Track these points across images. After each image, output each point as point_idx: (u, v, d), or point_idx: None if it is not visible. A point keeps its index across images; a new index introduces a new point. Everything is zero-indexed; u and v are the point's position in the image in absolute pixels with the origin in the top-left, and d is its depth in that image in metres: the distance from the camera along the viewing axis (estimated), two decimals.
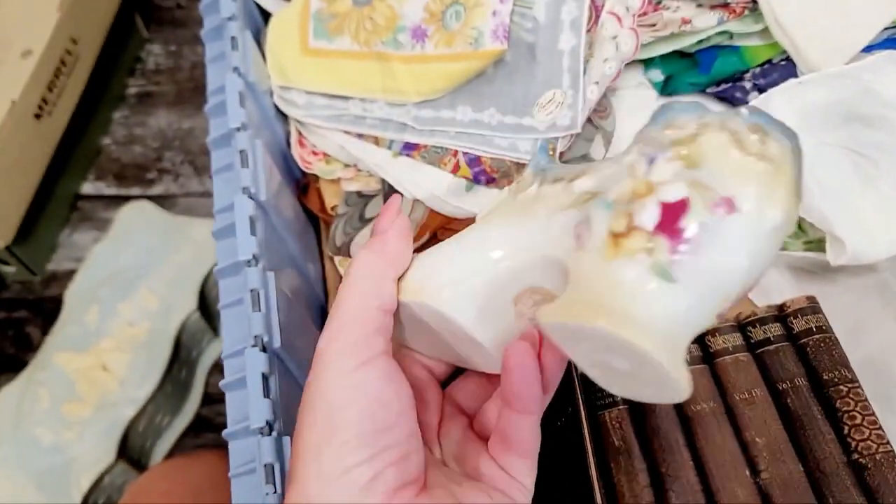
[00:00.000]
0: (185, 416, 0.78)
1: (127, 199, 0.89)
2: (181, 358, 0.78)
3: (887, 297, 0.53)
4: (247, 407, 0.42)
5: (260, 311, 0.44)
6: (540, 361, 0.33)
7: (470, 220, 0.57)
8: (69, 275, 0.82)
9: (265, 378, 0.42)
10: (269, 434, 0.41)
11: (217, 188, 0.50)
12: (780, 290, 0.53)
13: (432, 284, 0.35)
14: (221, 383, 0.44)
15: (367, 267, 0.35)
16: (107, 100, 0.95)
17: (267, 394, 0.42)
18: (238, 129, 0.50)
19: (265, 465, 0.40)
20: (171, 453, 0.79)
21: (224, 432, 0.43)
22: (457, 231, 0.56)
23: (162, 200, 0.90)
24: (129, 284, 0.77)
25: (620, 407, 0.44)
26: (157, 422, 0.76)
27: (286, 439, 0.42)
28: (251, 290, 0.45)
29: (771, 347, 0.44)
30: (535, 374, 0.33)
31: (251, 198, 0.48)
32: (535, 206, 0.34)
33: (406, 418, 0.33)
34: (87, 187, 0.92)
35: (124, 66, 0.98)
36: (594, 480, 0.43)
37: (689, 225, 0.26)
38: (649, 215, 0.26)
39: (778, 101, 0.50)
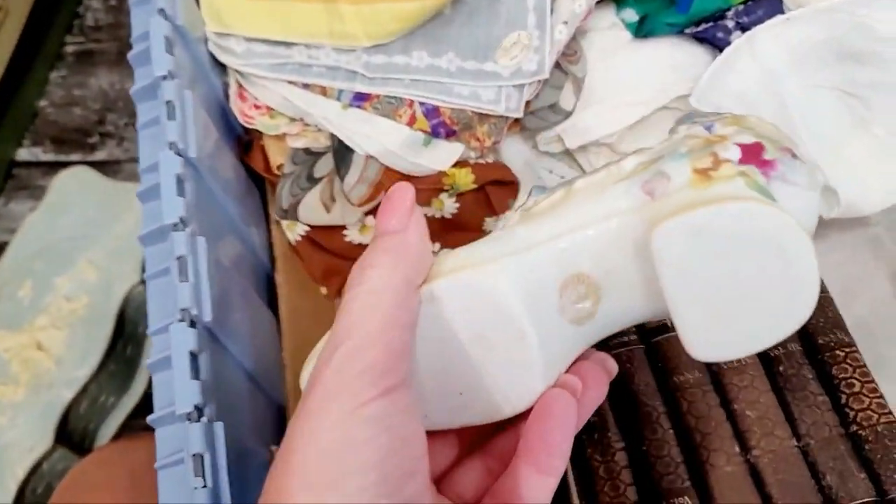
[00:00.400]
0: (133, 396, 0.73)
1: (67, 165, 0.83)
2: (126, 333, 0.72)
3: (880, 254, 0.49)
4: (174, 390, 0.37)
5: (188, 280, 0.39)
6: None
7: (430, 178, 0.52)
8: (2, 248, 0.76)
9: (194, 357, 0.37)
10: (198, 420, 0.36)
11: (142, 145, 0.45)
12: None
13: (473, 261, 0.29)
14: (147, 363, 0.39)
15: (387, 273, 0.28)
16: (42, 59, 0.89)
17: (196, 375, 0.37)
18: (164, 78, 0.44)
19: (194, 455, 0.35)
20: (120, 435, 0.74)
21: (149, 418, 0.38)
22: (416, 190, 0.51)
23: (105, 166, 0.83)
24: (67, 256, 0.71)
25: None
26: (101, 402, 0.71)
27: (218, 425, 0.37)
28: (178, 258, 0.40)
29: None
30: (573, 428, 0.28)
31: (179, 154, 0.43)
32: (572, 197, 0.30)
33: (425, 464, 0.27)
34: (23, 153, 0.85)
35: (60, 22, 0.91)
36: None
37: (772, 159, 0.28)
38: (733, 152, 0.28)
39: (764, 40, 0.46)
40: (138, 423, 0.74)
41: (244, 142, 0.56)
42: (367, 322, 0.27)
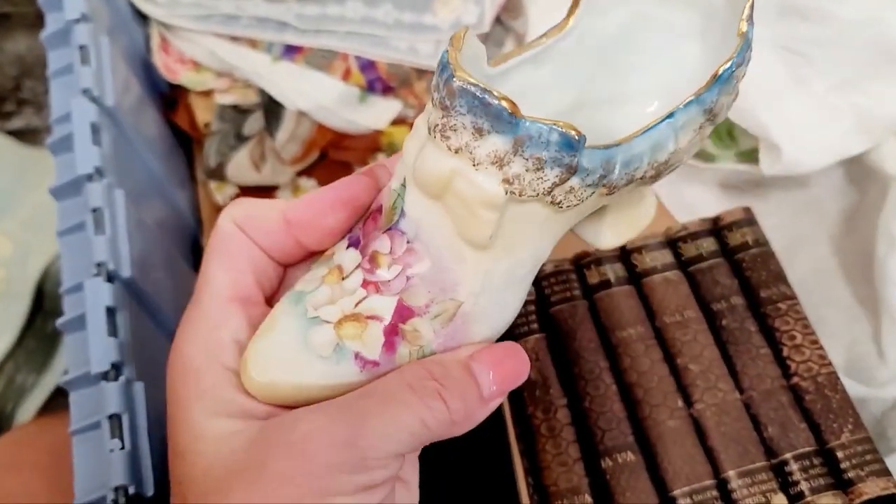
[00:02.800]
0: (54, 374, 0.69)
1: None
2: (45, 308, 0.68)
3: (820, 215, 0.49)
4: (88, 349, 0.34)
5: (104, 234, 0.36)
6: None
7: (366, 137, 0.49)
8: None
9: (111, 313, 0.35)
10: (116, 379, 0.34)
11: (55, 94, 0.42)
12: (708, 208, 0.49)
13: None
14: (58, 322, 0.36)
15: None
16: None
17: (114, 332, 0.35)
18: (77, 21, 0.41)
19: (110, 417, 0.33)
20: (41, 415, 0.70)
21: (61, 380, 0.35)
22: (351, 149, 0.49)
23: (24, 135, 0.79)
24: None
25: (537, 335, 0.38)
26: (20, 382, 0.67)
27: (138, 385, 0.34)
28: (93, 210, 0.37)
29: (704, 265, 0.39)
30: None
31: (94, 102, 0.40)
32: None
33: None
34: None
35: None
36: (507, 416, 0.37)
37: None
38: None
39: None
40: (62, 403, 0.70)
41: (169, 98, 0.53)
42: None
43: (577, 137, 0.22)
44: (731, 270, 0.39)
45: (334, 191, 0.27)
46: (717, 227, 0.40)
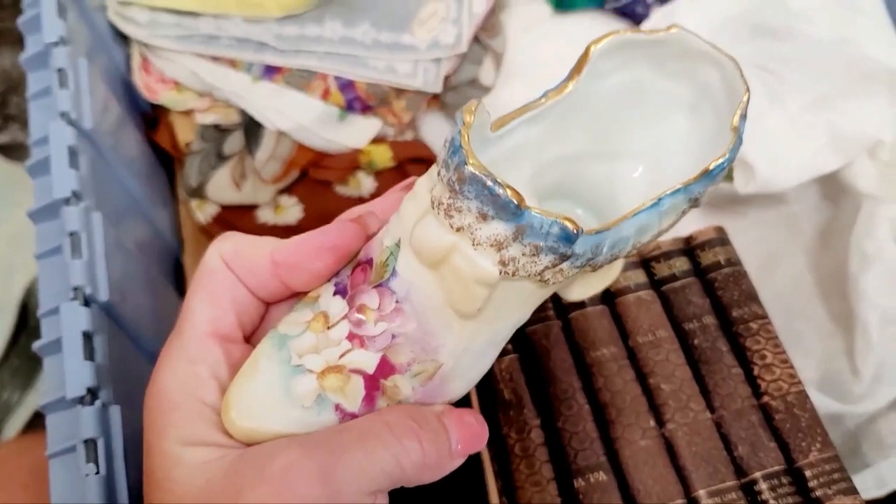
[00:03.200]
0: (39, 392, 0.69)
1: None
2: (30, 326, 0.68)
3: (795, 231, 0.50)
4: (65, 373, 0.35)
5: (81, 257, 0.37)
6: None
7: (346, 156, 0.50)
8: None
9: (88, 338, 0.35)
10: (92, 404, 0.34)
11: (33, 117, 0.42)
12: (687, 225, 0.49)
13: None
14: (34, 345, 0.36)
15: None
16: None
17: (90, 356, 0.35)
18: (55, 45, 0.42)
19: (86, 441, 0.33)
20: (25, 433, 0.70)
21: (39, 404, 0.35)
22: (331, 168, 0.49)
23: (9, 150, 0.79)
24: None
25: (511, 356, 0.39)
26: (4, 399, 0.67)
27: (115, 409, 0.35)
28: (70, 234, 0.37)
29: (677, 284, 0.40)
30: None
31: (72, 125, 0.40)
32: None
33: None
34: None
35: None
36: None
37: None
38: None
39: (681, 15, 0.46)
40: (45, 422, 0.70)
41: (150, 118, 0.53)
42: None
43: (575, 231, 0.23)
44: (703, 290, 0.40)
45: (323, 236, 0.27)
46: (689, 247, 0.41)
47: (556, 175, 0.30)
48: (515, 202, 0.22)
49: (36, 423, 0.70)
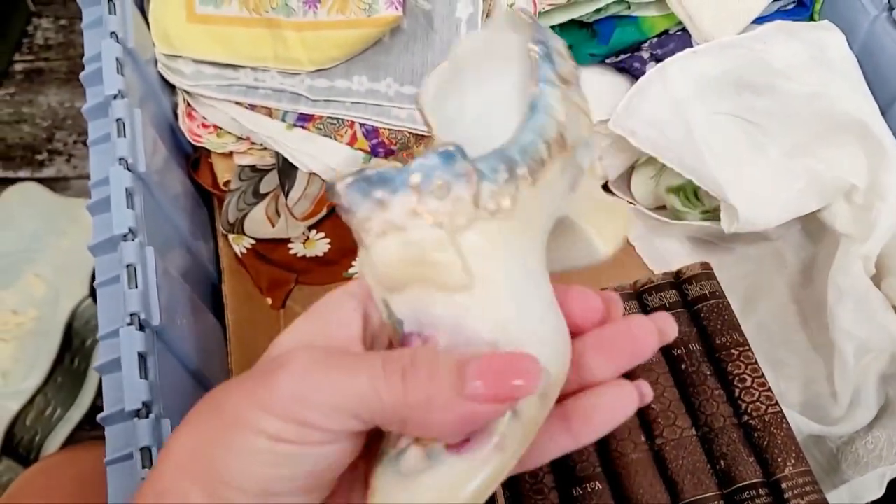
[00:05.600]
0: (80, 408, 0.74)
1: (14, 181, 0.84)
2: (73, 347, 0.73)
3: (780, 265, 0.54)
4: (122, 389, 0.39)
5: (137, 287, 0.42)
6: None
7: None
8: None
9: (142, 358, 0.40)
10: (147, 416, 0.39)
11: (93, 161, 0.47)
12: (679, 259, 0.54)
13: None
14: (95, 366, 0.41)
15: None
16: None
17: (145, 374, 0.40)
18: (115, 98, 0.47)
19: (141, 449, 0.38)
20: (66, 447, 0.74)
21: (99, 416, 0.40)
22: None
23: (53, 183, 0.84)
24: (13, 270, 0.72)
25: None
26: (48, 415, 0.71)
27: (165, 422, 0.39)
28: (127, 266, 0.42)
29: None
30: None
31: (128, 169, 0.45)
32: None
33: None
34: None
35: (9, 40, 0.92)
36: None
37: None
38: None
39: (673, 71, 0.50)
40: (85, 436, 0.74)
41: (192, 159, 0.58)
42: None
43: (450, 149, 0.24)
44: (690, 319, 0.44)
45: None
46: (678, 281, 0.45)
47: None
48: (388, 169, 0.23)
49: (76, 436, 0.74)
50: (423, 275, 0.25)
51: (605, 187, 0.57)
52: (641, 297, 0.45)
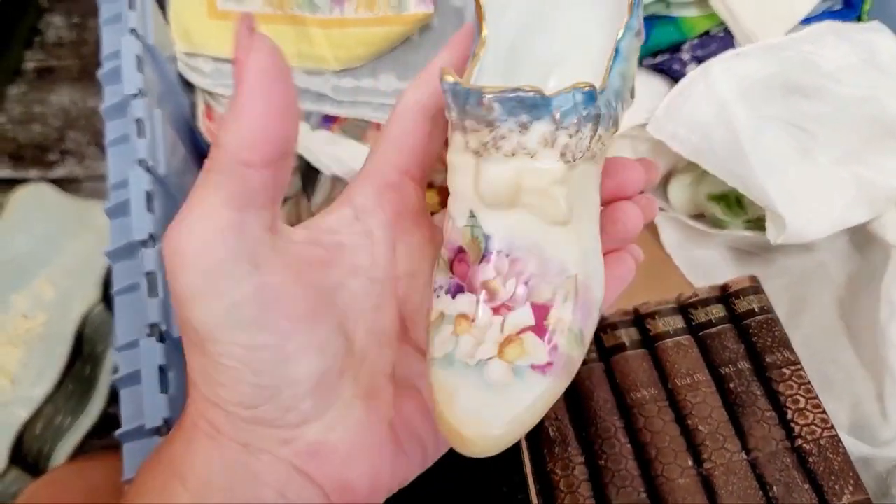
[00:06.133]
0: (90, 417, 0.72)
1: (25, 181, 0.82)
2: (84, 353, 0.71)
3: (824, 278, 0.52)
4: (142, 404, 0.37)
5: (158, 296, 0.39)
6: None
7: None
8: None
9: (163, 371, 0.38)
10: (167, 433, 0.36)
11: (112, 162, 0.45)
12: (719, 270, 0.51)
13: None
14: (113, 378, 0.39)
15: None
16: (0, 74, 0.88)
17: (165, 389, 0.38)
18: (135, 97, 0.45)
19: None
20: (75, 457, 0.72)
21: (117, 432, 0.38)
22: None
23: (65, 184, 0.83)
24: (24, 273, 0.71)
25: None
26: (57, 423, 0.69)
27: None
28: (147, 273, 0.40)
29: (713, 330, 0.42)
30: None
31: (148, 171, 0.43)
32: None
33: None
34: None
35: (19, 37, 0.91)
36: (528, 473, 0.40)
37: None
38: None
39: (717, 72, 0.48)
40: (94, 445, 0.72)
41: None
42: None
43: (591, 89, 0.25)
44: (738, 336, 0.42)
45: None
46: (725, 294, 0.43)
47: None
48: (540, 93, 0.24)
49: (84, 447, 0.72)
50: (532, 202, 0.26)
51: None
52: (686, 312, 0.43)
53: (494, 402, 0.26)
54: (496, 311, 0.27)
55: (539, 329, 0.26)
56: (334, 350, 0.27)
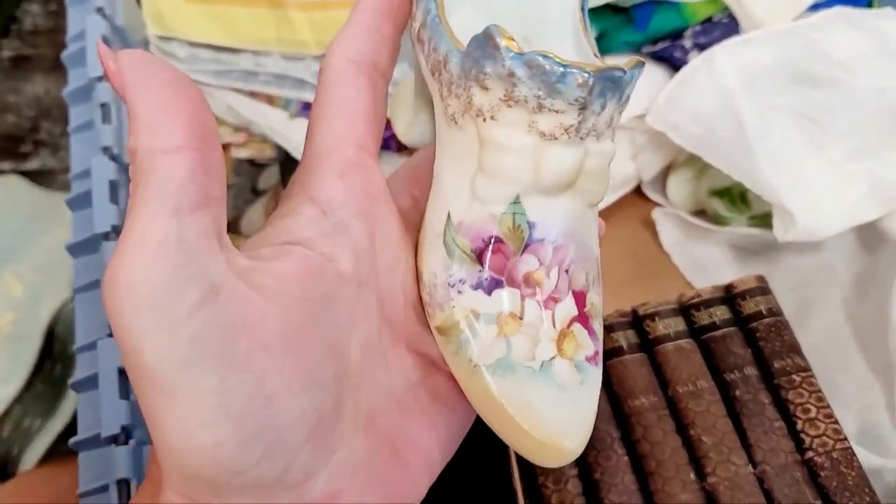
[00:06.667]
0: (61, 418, 0.69)
1: None
2: (55, 353, 0.68)
3: (832, 278, 0.49)
4: (100, 410, 0.34)
5: None
6: None
7: None
8: None
9: (123, 375, 0.35)
10: (126, 443, 0.34)
11: (75, 150, 0.42)
12: (721, 270, 0.49)
13: None
14: (71, 381, 0.36)
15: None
16: None
17: (126, 394, 0.35)
18: (100, 79, 0.42)
19: (118, 481, 0.33)
20: (46, 461, 0.69)
21: (71, 441, 0.35)
22: None
23: (38, 176, 0.80)
24: None
25: None
26: (26, 425, 0.66)
27: (147, 448, 0.34)
28: None
29: (717, 333, 0.39)
30: None
31: (113, 160, 0.40)
32: None
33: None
34: None
35: None
36: (517, 487, 0.37)
37: None
38: None
39: (721, 60, 0.46)
40: (66, 449, 0.70)
41: None
42: None
43: (641, 63, 0.23)
44: (744, 340, 0.39)
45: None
46: (730, 295, 0.40)
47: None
48: (623, 71, 0.22)
49: (56, 450, 0.70)
50: (586, 185, 0.24)
51: (638, 189, 0.52)
52: (688, 314, 0.40)
53: (572, 405, 0.24)
54: (544, 304, 0.24)
55: (582, 318, 0.25)
56: (328, 378, 0.23)
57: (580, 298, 0.25)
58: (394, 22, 0.27)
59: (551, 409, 0.24)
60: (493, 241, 0.24)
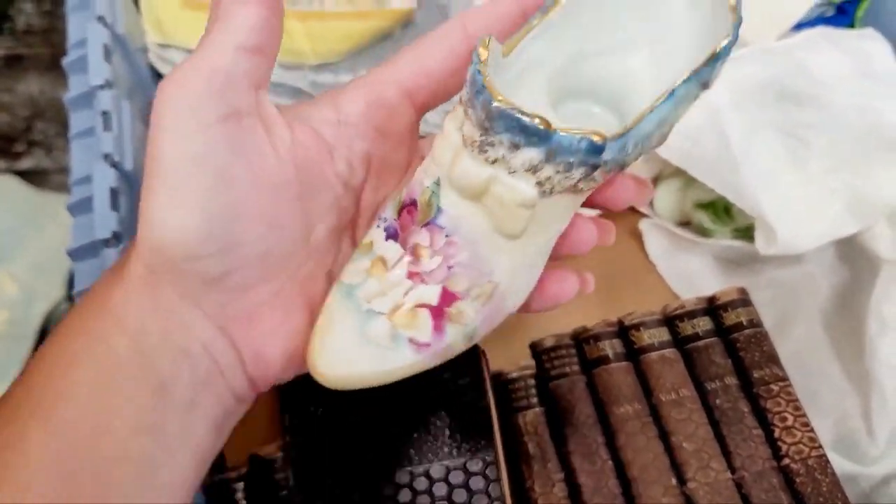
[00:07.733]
0: None
1: None
2: None
3: (812, 290, 0.50)
4: None
5: None
6: None
7: None
8: None
9: None
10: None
11: (75, 156, 0.43)
12: (705, 280, 0.50)
13: None
14: None
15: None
16: None
17: None
18: (101, 88, 0.43)
19: None
20: None
21: None
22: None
23: (31, 176, 0.80)
24: None
25: (536, 409, 0.39)
26: None
27: None
28: None
29: (700, 343, 0.40)
30: None
31: (114, 167, 0.41)
32: None
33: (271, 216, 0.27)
34: None
35: None
36: (505, 490, 0.38)
37: None
38: None
39: None
40: None
41: None
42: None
43: (602, 142, 0.25)
44: (725, 350, 0.40)
45: None
46: (712, 306, 0.42)
47: (569, 78, 0.31)
48: (544, 128, 0.24)
49: None
50: (492, 208, 0.26)
51: None
52: (672, 324, 0.41)
53: (358, 350, 0.27)
54: (411, 275, 0.27)
55: (437, 312, 0.27)
56: (290, 234, 0.28)
57: (447, 297, 0.27)
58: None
59: (343, 340, 0.27)
60: (412, 203, 0.28)
